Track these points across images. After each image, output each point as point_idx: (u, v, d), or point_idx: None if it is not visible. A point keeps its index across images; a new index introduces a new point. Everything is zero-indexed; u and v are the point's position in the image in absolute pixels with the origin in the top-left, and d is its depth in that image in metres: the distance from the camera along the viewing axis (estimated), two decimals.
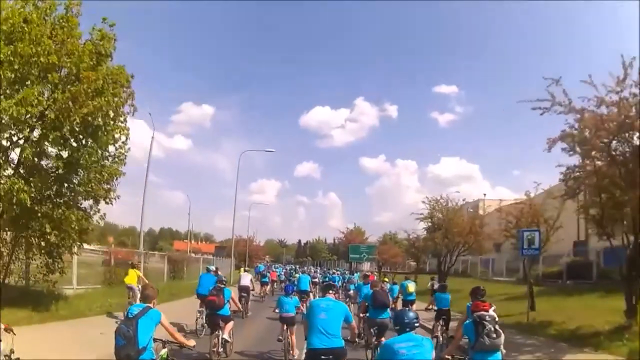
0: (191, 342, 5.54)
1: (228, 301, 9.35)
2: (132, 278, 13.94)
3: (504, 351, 5.76)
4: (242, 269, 23.24)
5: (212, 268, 13.84)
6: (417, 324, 4.41)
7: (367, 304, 9.46)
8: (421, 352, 4.10)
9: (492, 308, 5.91)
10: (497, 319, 5.59)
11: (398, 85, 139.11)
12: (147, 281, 13.44)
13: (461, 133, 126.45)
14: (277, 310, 9.84)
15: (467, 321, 5.72)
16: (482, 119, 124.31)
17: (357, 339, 6.73)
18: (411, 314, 4.45)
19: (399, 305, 14.97)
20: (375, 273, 41.01)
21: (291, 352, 9.27)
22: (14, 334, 5.30)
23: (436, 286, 12.57)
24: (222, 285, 9.46)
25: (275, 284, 27.78)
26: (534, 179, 26.41)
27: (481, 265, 36.60)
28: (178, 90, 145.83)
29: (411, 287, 15.12)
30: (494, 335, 5.29)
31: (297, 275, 24.91)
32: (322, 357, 5.44)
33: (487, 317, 5.42)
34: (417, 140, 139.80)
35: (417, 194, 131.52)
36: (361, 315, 10.25)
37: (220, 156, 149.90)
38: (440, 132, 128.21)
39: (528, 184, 25.71)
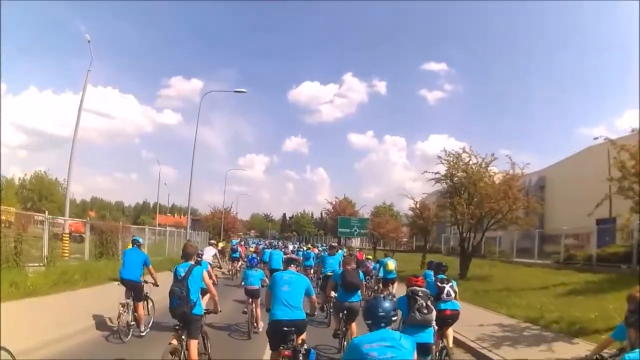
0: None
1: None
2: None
3: (435, 327, 6.23)
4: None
5: (140, 240, 9.78)
6: (394, 317, 3.40)
7: (335, 283, 8.65)
8: (399, 355, 3.06)
9: (450, 284, 6.92)
10: (429, 295, 5.88)
11: (387, 61, 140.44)
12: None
13: (450, 111, 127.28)
14: (242, 283, 10.03)
15: (400, 296, 6.02)
16: (471, 97, 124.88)
17: (315, 313, 6.67)
18: (387, 304, 3.35)
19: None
20: (367, 252, 34.13)
21: (255, 324, 9.59)
22: None
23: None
24: (200, 259, 9.39)
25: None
26: (523, 158, 21.23)
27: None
28: (167, 64, 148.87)
29: (391, 264, 14.38)
30: (425, 311, 5.58)
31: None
32: (285, 328, 5.45)
33: (419, 292, 5.77)
34: (406, 117, 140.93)
35: (405, 171, 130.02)
36: (330, 295, 9.54)
37: (210, 131, 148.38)
38: (429, 109, 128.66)
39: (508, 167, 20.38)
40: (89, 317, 8.93)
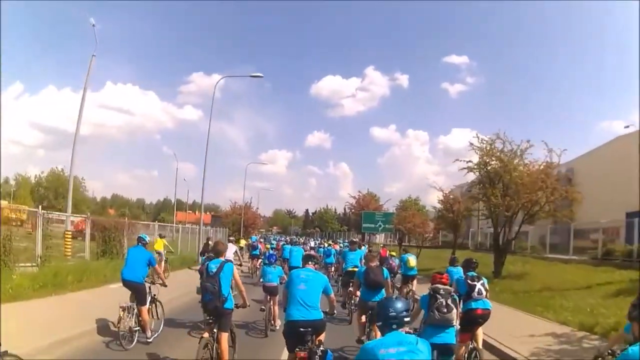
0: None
1: None
2: (160, 245, 17.66)
3: (458, 327, 5.84)
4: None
5: (147, 239, 9.00)
6: (407, 319, 3.15)
7: (359, 282, 8.31)
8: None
9: (481, 282, 6.63)
10: (452, 293, 5.61)
11: (409, 55, 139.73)
12: (171, 249, 19.30)
13: (472, 104, 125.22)
14: (261, 280, 10.02)
15: (423, 295, 5.84)
16: (493, 90, 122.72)
17: (335, 312, 6.42)
18: (399, 304, 3.13)
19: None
20: (391, 248, 32.62)
21: (273, 322, 9.47)
22: None
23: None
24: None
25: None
26: (546, 152, 19.44)
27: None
28: (187, 61, 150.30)
29: (412, 260, 13.96)
30: (445, 310, 5.33)
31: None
32: (301, 329, 5.31)
33: (441, 290, 5.52)
34: (428, 111, 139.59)
35: (428, 165, 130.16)
36: (356, 294, 9.06)
37: (231, 126, 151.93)
38: (451, 102, 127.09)
39: (540, 156, 18.88)
40: (65, 329, 7.60)
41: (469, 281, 6.67)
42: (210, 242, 16.31)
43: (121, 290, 8.01)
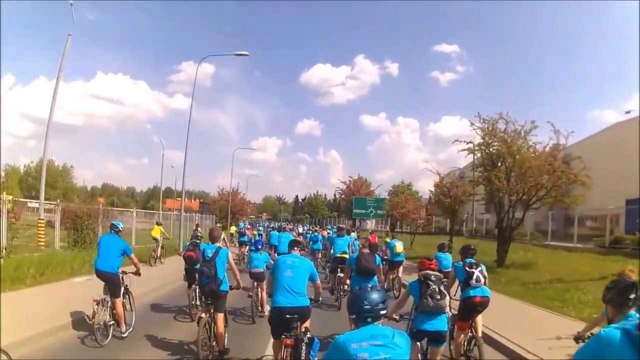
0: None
1: None
2: (157, 232, 17.85)
3: (449, 313, 6.05)
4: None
5: (120, 226, 8.27)
6: (383, 311, 2.86)
7: (350, 269, 7.94)
8: (393, 355, 2.60)
9: (479, 269, 6.30)
10: (443, 279, 5.47)
11: (399, 43, 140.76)
12: (168, 236, 19.45)
13: (462, 92, 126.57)
14: (247, 266, 10.03)
15: (412, 280, 5.68)
16: (483, 78, 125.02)
17: (320, 299, 6.32)
18: (374, 296, 2.86)
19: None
20: (383, 234, 31.33)
21: (261, 308, 9.50)
22: None
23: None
24: (198, 241, 9.97)
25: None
26: (551, 134, 18.42)
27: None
28: (178, 49, 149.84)
29: (399, 246, 13.64)
30: (438, 297, 5.19)
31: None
32: (287, 315, 5.24)
33: (432, 276, 5.37)
34: (418, 99, 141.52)
35: (418, 153, 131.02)
36: (346, 283, 8.85)
37: (222, 114, 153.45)
38: (441, 91, 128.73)
39: (544, 139, 18.12)
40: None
41: (467, 268, 6.41)
42: (199, 229, 16.75)
43: (86, 284, 7.96)
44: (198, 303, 9.19)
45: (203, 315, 6.49)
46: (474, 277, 6.28)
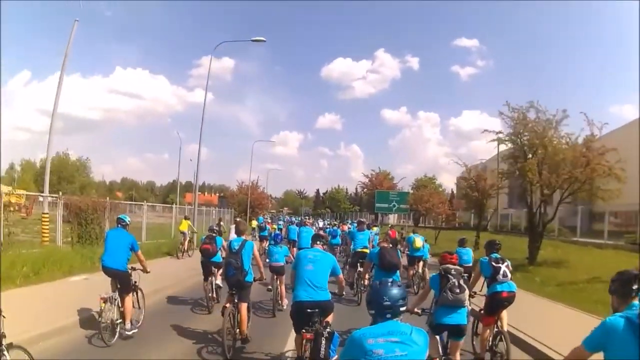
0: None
1: (220, 249, 9.73)
2: (185, 226, 18.71)
3: (469, 307, 5.84)
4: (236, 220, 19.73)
5: (127, 219, 7.80)
6: (403, 307, 2.79)
7: (371, 264, 8.00)
8: (409, 352, 2.53)
9: (505, 264, 6.29)
10: (463, 273, 5.47)
11: (419, 38, 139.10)
12: (195, 230, 19.93)
13: (482, 87, 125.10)
14: (267, 260, 9.99)
15: (433, 274, 5.77)
16: (503, 73, 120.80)
17: (344, 293, 6.33)
18: (394, 291, 2.77)
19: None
20: (407, 229, 30.46)
21: (280, 301, 9.57)
22: (4, 316, 4.20)
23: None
24: (214, 234, 9.97)
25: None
26: (583, 125, 17.40)
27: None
28: (197, 44, 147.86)
29: (418, 241, 13.19)
30: (457, 290, 5.18)
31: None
32: (308, 310, 5.22)
33: (452, 270, 5.38)
34: (439, 93, 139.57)
35: (439, 147, 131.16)
36: (366, 278, 9.13)
37: (242, 108, 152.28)
38: (461, 85, 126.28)
39: (574, 129, 16.94)
40: None
41: (494, 263, 6.37)
42: (221, 223, 18.83)
43: (81, 284, 7.73)
44: (215, 295, 9.68)
45: (227, 305, 6.72)
46: (501, 272, 6.25)
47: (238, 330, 6.76)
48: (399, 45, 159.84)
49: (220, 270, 9.69)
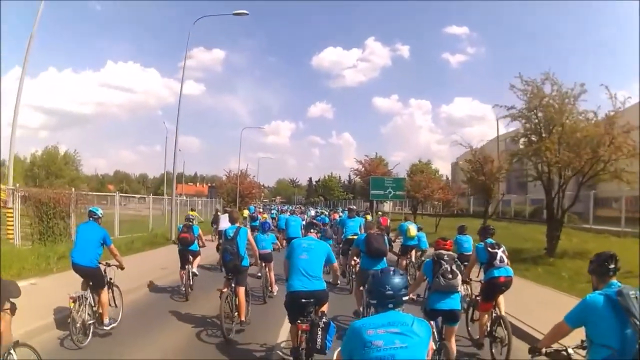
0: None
1: (197, 237, 10.14)
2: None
3: (462, 292, 6.24)
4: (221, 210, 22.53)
5: (99, 212, 7.39)
6: (405, 297, 2.69)
7: (358, 249, 8.01)
8: (410, 343, 2.43)
9: (501, 249, 6.42)
10: (456, 259, 5.56)
11: (409, 26, 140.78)
12: (201, 219, 20.85)
13: (473, 73, 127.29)
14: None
15: (427, 260, 5.98)
16: (493, 59, 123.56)
17: (338, 281, 6.65)
18: (397, 280, 2.68)
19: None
20: (403, 215, 28.66)
21: (270, 288, 9.89)
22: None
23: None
24: (191, 223, 10.34)
25: None
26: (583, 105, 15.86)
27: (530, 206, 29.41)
28: (187, 36, 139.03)
29: (412, 229, 12.63)
30: (450, 276, 5.26)
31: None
32: (303, 300, 5.20)
33: (445, 256, 5.48)
34: (430, 81, 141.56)
35: (431, 134, 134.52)
36: (352, 262, 9.57)
37: (234, 99, 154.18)
38: (452, 72, 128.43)
39: (590, 106, 15.28)
40: None
41: (490, 249, 6.48)
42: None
43: (25, 291, 4.70)
44: (191, 283, 9.91)
45: (225, 289, 7.10)
46: (498, 257, 6.31)
47: (237, 313, 7.11)
48: (389, 34, 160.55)
49: (197, 259, 10.31)
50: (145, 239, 17.03)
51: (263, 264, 9.75)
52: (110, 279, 7.31)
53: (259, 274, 9.81)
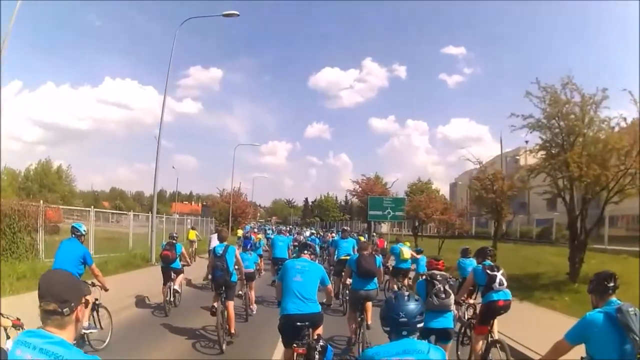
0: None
1: (179, 255, 10.37)
2: (192, 235, 22.16)
3: (455, 312, 6.01)
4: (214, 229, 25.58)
5: (82, 229, 7.22)
6: (420, 323, 2.62)
7: (351, 270, 7.99)
8: None
9: (501, 272, 6.19)
10: (449, 279, 5.66)
11: (406, 46, 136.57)
12: (200, 237, 23.38)
13: (470, 94, 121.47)
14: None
15: (420, 280, 6.43)
16: (490, 80, 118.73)
17: (332, 302, 6.54)
18: (412, 306, 2.61)
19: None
20: (403, 237, 27.07)
21: (250, 306, 10.04)
22: (23, 329, 3.85)
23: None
24: (174, 241, 10.53)
25: None
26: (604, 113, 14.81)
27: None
28: (186, 54, 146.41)
29: (406, 252, 12.39)
30: (443, 296, 5.38)
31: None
32: (298, 323, 5.14)
33: (438, 276, 5.59)
34: (427, 101, 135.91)
35: (428, 155, 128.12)
36: (346, 282, 9.06)
37: (231, 118, 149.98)
38: (449, 93, 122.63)
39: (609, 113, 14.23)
40: None
41: (489, 271, 6.24)
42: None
43: None
44: (172, 299, 10.11)
45: (216, 304, 7.56)
46: (497, 280, 6.14)
47: (227, 326, 7.51)
48: (386, 54, 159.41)
49: (179, 277, 10.44)
50: (123, 259, 15.36)
51: (245, 282, 9.88)
52: (96, 299, 6.94)
53: (240, 292, 9.95)
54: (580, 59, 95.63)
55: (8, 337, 4.12)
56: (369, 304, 7.60)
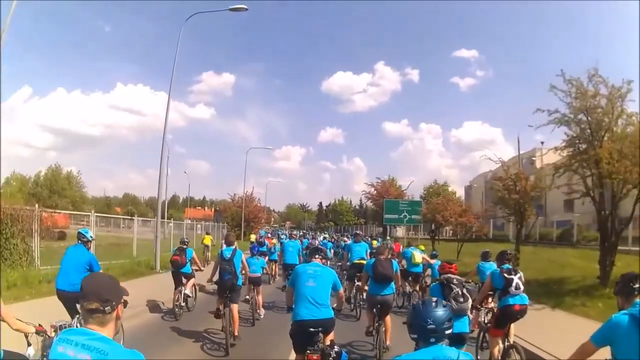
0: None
1: (190, 260, 10.39)
2: (207, 240, 22.82)
3: (470, 316, 6.11)
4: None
5: (88, 234, 7.14)
6: (449, 330, 2.55)
7: (367, 275, 7.90)
8: None
9: (518, 275, 6.18)
10: (464, 282, 5.58)
11: (419, 50, 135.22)
12: (214, 242, 24.33)
13: (482, 97, 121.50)
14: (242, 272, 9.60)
15: (434, 284, 6.26)
16: (503, 82, 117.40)
17: (342, 307, 6.25)
18: (440, 313, 2.55)
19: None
20: (420, 241, 26.36)
21: (257, 311, 10.06)
22: (48, 335, 4.21)
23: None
24: (185, 246, 10.50)
25: None
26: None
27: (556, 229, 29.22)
28: (198, 60, 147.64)
29: (417, 255, 12.05)
30: (462, 300, 5.30)
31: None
32: (311, 329, 5.03)
33: (454, 279, 5.47)
34: (440, 105, 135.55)
35: (441, 158, 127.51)
36: (363, 289, 9.10)
37: (244, 124, 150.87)
38: (461, 96, 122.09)
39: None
40: None
41: (506, 275, 6.22)
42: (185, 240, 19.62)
43: None
44: (184, 304, 10.22)
45: (221, 307, 7.79)
46: (514, 284, 6.09)
47: (231, 329, 7.54)
48: (399, 58, 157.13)
49: (190, 281, 10.52)
50: (125, 267, 14.80)
51: (252, 287, 9.86)
52: None
53: (247, 297, 9.95)
54: (593, 62, 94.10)
55: (29, 345, 4.08)
56: (388, 321, 7.45)
